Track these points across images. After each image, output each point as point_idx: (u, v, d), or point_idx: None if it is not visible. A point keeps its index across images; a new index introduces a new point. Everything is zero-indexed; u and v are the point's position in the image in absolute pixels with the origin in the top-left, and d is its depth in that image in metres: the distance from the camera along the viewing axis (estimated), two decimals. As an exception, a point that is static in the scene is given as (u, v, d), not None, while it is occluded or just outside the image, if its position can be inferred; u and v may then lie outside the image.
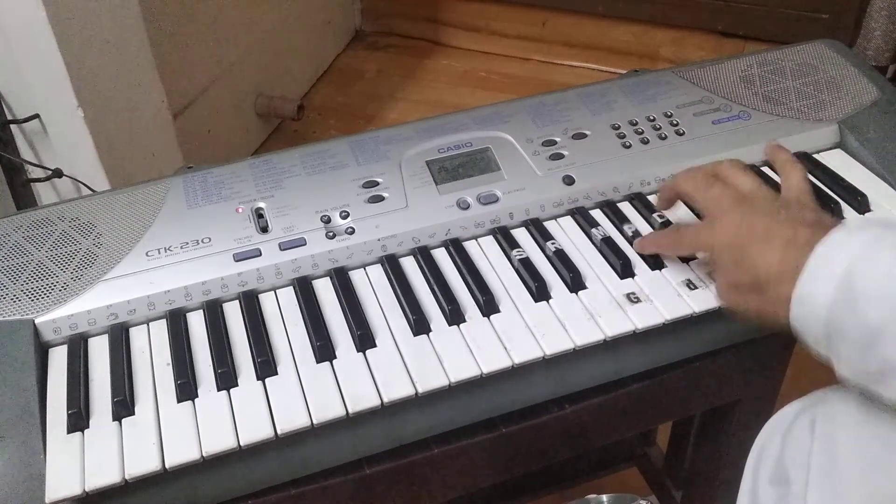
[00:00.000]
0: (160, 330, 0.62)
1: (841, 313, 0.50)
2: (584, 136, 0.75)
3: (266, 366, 0.58)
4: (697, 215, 0.68)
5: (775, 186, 0.70)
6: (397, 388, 0.57)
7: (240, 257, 0.65)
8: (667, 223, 0.68)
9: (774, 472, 0.59)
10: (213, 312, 0.63)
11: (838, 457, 0.54)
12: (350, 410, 0.55)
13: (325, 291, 0.65)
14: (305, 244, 0.66)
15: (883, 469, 0.52)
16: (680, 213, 0.70)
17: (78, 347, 0.60)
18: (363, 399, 0.56)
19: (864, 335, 0.49)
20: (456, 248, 0.67)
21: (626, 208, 0.71)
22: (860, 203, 0.70)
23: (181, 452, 0.53)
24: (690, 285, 0.63)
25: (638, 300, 0.62)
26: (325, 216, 0.67)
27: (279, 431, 0.54)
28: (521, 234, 0.69)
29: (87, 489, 0.52)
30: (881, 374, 0.49)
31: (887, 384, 0.49)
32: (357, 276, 0.66)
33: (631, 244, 0.67)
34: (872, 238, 0.51)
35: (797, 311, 0.53)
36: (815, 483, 0.54)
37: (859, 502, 0.52)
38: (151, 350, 0.61)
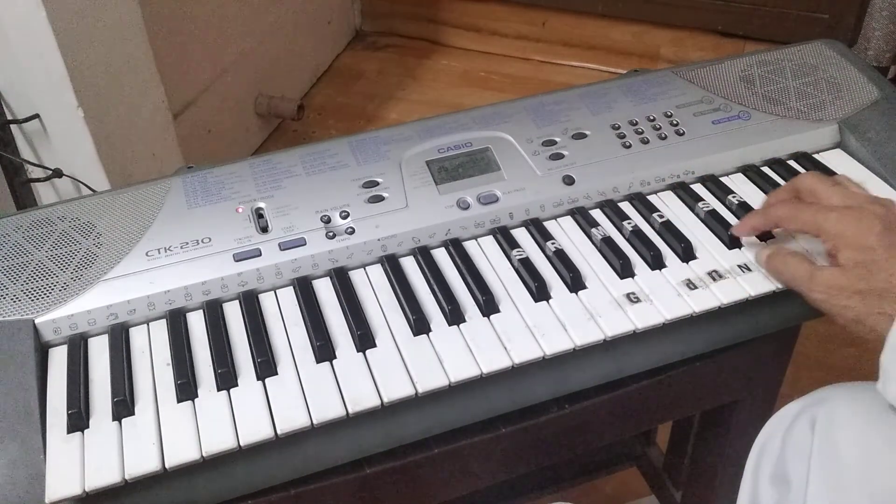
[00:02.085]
0: (160, 330, 0.62)
1: None
2: (584, 136, 0.75)
3: (266, 366, 0.58)
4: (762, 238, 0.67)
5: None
6: (397, 388, 0.57)
7: (240, 257, 0.65)
8: (667, 223, 0.68)
9: (775, 471, 0.59)
10: (213, 312, 0.63)
11: (838, 456, 0.54)
12: (350, 410, 0.55)
13: (325, 291, 0.65)
14: (305, 244, 0.66)
15: (883, 468, 0.52)
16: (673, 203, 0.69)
17: (78, 347, 0.60)
18: (363, 399, 0.56)
19: None
20: (456, 248, 0.67)
21: (627, 208, 0.71)
22: (860, 203, 0.70)
23: (181, 452, 0.53)
24: (690, 285, 0.63)
25: (638, 300, 0.62)
26: (325, 216, 0.67)
27: (279, 431, 0.54)
28: (521, 234, 0.69)
29: (87, 489, 0.52)
30: None
31: None
32: (357, 276, 0.66)
33: (630, 243, 0.67)
34: None
35: None
36: (815, 482, 0.54)
37: (859, 501, 0.52)
38: (151, 350, 0.61)
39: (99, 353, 0.61)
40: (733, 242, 0.66)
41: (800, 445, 0.57)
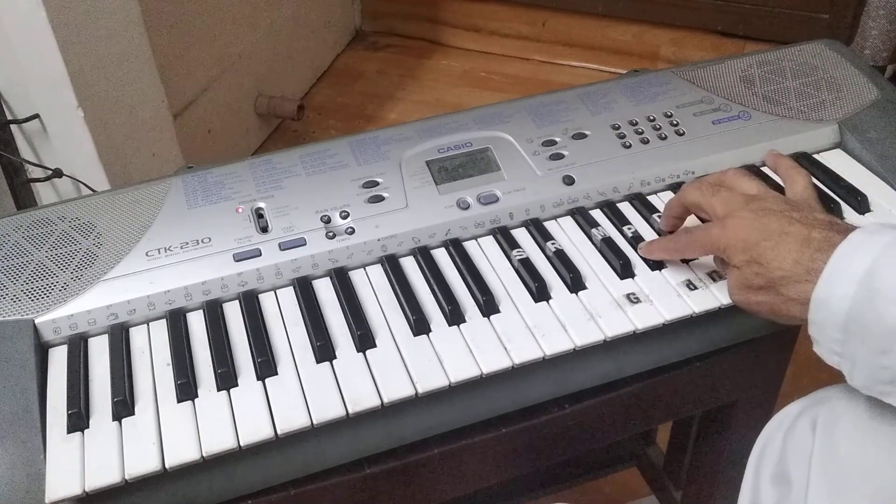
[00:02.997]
0: (160, 330, 0.62)
1: (860, 314, 0.50)
2: (584, 136, 0.75)
3: (266, 366, 0.58)
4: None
5: (779, 190, 0.70)
6: (397, 389, 0.57)
7: (240, 257, 0.65)
8: (667, 223, 0.68)
9: (776, 471, 0.59)
10: (213, 312, 0.63)
11: (839, 456, 0.54)
12: (350, 410, 0.55)
13: (325, 291, 0.65)
14: (305, 244, 0.66)
15: (884, 469, 0.52)
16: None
17: (78, 347, 0.60)
18: (363, 399, 0.56)
19: (883, 337, 0.49)
20: (456, 248, 0.67)
21: (626, 208, 0.71)
22: (860, 203, 0.70)
23: (181, 452, 0.53)
24: (690, 285, 0.63)
25: (638, 300, 0.62)
26: (325, 216, 0.67)
27: (279, 431, 0.54)
28: (521, 235, 0.69)
29: (87, 489, 0.52)
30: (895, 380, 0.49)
31: None
32: (357, 276, 0.66)
33: (631, 244, 0.67)
34: (893, 239, 0.50)
35: (815, 312, 0.52)
36: (815, 482, 0.54)
37: (860, 502, 0.52)
38: (151, 350, 0.61)
39: (99, 353, 0.61)
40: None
41: (801, 446, 0.57)
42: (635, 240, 0.67)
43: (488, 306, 0.62)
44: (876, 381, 0.50)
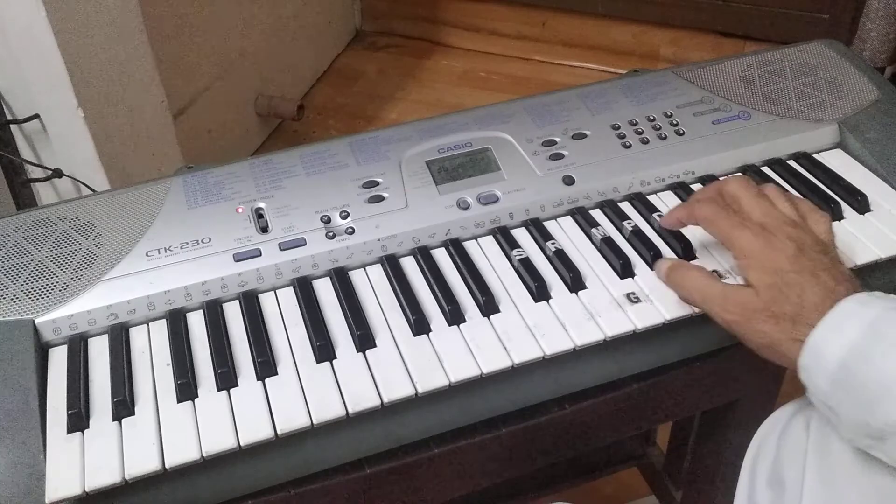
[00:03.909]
0: (160, 330, 0.62)
1: (853, 366, 0.50)
2: (584, 136, 0.75)
3: (266, 366, 0.58)
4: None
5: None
6: (397, 388, 0.57)
7: (240, 257, 0.65)
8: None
9: (771, 473, 0.59)
10: (213, 312, 0.63)
11: (833, 457, 0.54)
12: (350, 410, 0.55)
13: (325, 291, 0.65)
14: (305, 244, 0.66)
15: (877, 470, 0.52)
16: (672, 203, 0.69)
17: (78, 347, 0.60)
18: (363, 399, 0.56)
19: (872, 391, 0.49)
20: (456, 248, 0.67)
21: (627, 208, 0.71)
22: (860, 203, 0.70)
23: (181, 452, 0.53)
24: (690, 285, 0.63)
25: (638, 300, 0.62)
26: (325, 216, 0.67)
27: (279, 431, 0.54)
28: (521, 234, 0.69)
29: (87, 489, 0.52)
30: (882, 436, 0.49)
31: (886, 446, 0.49)
32: (357, 276, 0.66)
33: (631, 244, 0.67)
34: (893, 304, 0.51)
35: (808, 357, 0.52)
36: (810, 484, 0.54)
37: (855, 502, 0.52)
38: (151, 350, 0.61)
39: (99, 353, 0.61)
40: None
41: (795, 447, 0.57)
42: (635, 235, 0.67)
43: (488, 306, 0.62)
44: (860, 435, 0.50)
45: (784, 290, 0.54)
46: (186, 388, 0.57)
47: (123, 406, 0.56)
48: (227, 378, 0.58)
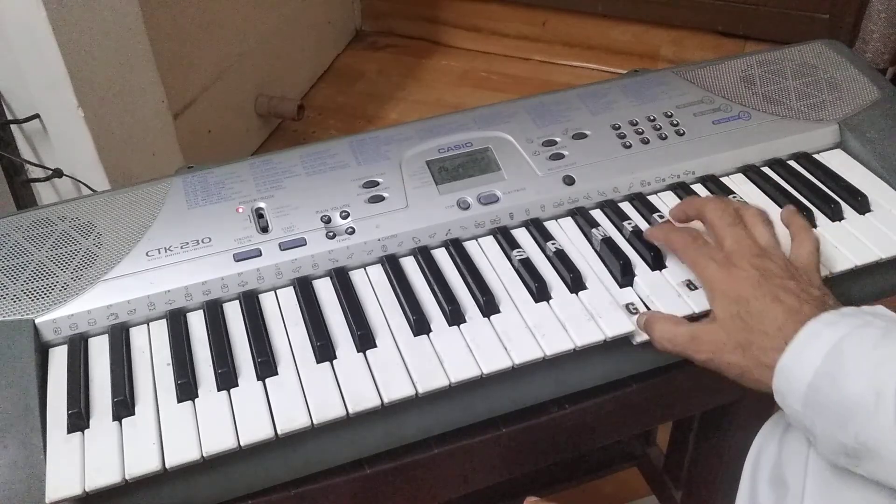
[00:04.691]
0: (160, 330, 0.62)
1: (820, 387, 0.50)
2: (584, 136, 0.75)
3: (266, 366, 0.58)
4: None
5: (789, 198, 0.70)
6: (397, 389, 0.57)
7: (240, 257, 0.65)
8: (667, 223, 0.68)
9: (773, 473, 0.59)
10: (214, 312, 0.63)
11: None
12: (350, 410, 0.55)
13: (326, 291, 0.65)
14: (305, 244, 0.66)
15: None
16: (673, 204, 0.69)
17: (78, 347, 0.60)
18: (363, 399, 0.56)
19: (842, 411, 0.49)
20: (456, 248, 0.67)
21: (627, 208, 0.71)
22: (860, 203, 0.70)
23: (181, 452, 0.53)
24: (690, 286, 0.63)
25: (636, 310, 0.62)
26: (325, 216, 0.67)
27: (279, 431, 0.54)
28: (521, 235, 0.69)
29: (87, 489, 0.52)
30: (857, 454, 0.49)
31: (864, 464, 0.49)
32: (357, 276, 0.66)
33: (631, 244, 0.67)
34: (862, 322, 0.51)
35: (779, 380, 0.53)
36: (812, 485, 0.54)
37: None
38: (151, 350, 0.61)
39: (99, 353, 0.61)
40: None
41: (797, 448, 0.57)
42: (635, 235, 0.67)
43: (488, 306, 0.62)
44: (837, 454, 0.51)
45: (746, 319, 0.56)
46: (186, 388, 0.57)
47: (123, 406, 0.56)
48: (227, 378, 0.58)
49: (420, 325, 0.61)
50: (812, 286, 0.58)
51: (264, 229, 0.67)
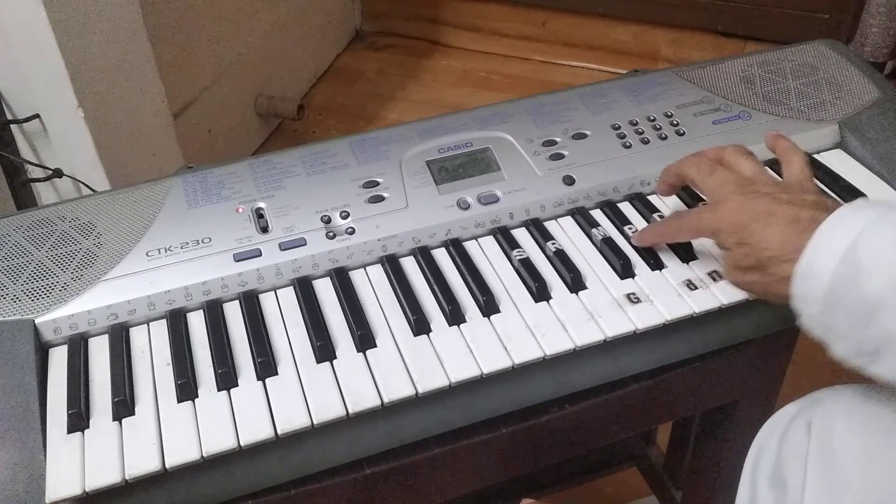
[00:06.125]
0: (160, 330, 0.62)
1: (841, 286, 0.51)
2: (584, 136, 0.75)
3: (266, 366, 0.58)
4: (689, 205, 0.68)
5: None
6: (397, 389, 0.57)
7: (240, 257, 0.65)
8: (667, 223, 0.68)
9: (772, 474, 0.59)
10: (214, 312, 0.63)
11: (835, 458, 0.54)
12: (350, 410, 0.55)
13: (326, 291, 0.65)
14: (306, 244, 0.66)
15: (880, 470, 0.52)
16: (673, 203, 0.70)
17: (78, 347, 0.60)
18: (363, 399, 0.56)
19: (863, 308, 0.50)
20: (456, 248, 0.67)
21: (627, 208, 0.71)
22: (860, 203, 0.70)
23: (181, 452, 0.53)
24: (690, 285, 0.63)
25: (638, 300, 0.62)
26: (325, 216, 0.67)
27: (279, 431, 0.54)
28: (521, 235, 0.69)
29: (87, 489, 0.52)
30: (877, 350, 0.50)
31: (883, 361, 0.50)
32: (357, 276, 0.66)
33: (631, 244, 0.67)
34: (877, 215, 0.51)
35: (798, 286, 0.54)
36: (812, 485, 0.54)
37: (856, 503, 0.52)
38: (151, 350, 0.61)
39: (99, 353, 0.61)
40: (688, 254, 0.66)
41: (796, 448, 0.57)
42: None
43: (488, 306, 0.62)
44: (857, 353, 0.51)
45: (750, 242, 0.57)
46: (186, 388, 0.57)
47: (123, 406, 0.56)
48: (227, 378, 0.58)
49: (420, 325, 0.61)
50: (807, 192, 0.59)
51: (264, 229, 0.67)
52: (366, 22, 2.29)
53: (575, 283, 0.64)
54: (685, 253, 0.65)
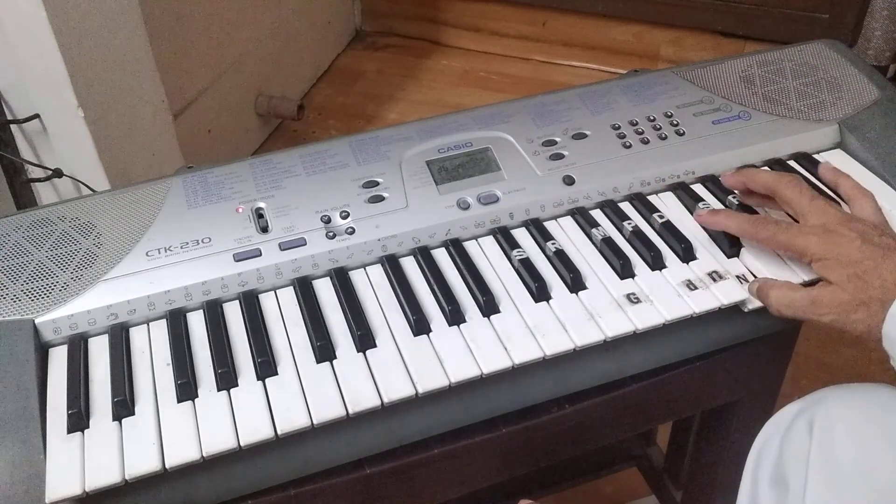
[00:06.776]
0: (160, 330, 0.62)
1: None
2: (584, 136, 0.75)
3: (266, 366, 0.58)
4: (688, 206, 0.68)
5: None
6: (397, 389, 0.57)
7: (240, 257, 0.65)
8: (667, 223, 0.68)
9: (773, 474, 0.59)
10: (213, 312, 0.63)
11: (836, 458, 0.54)
12: (350, 410, 0.55)
13: (325, 291, 0.65)
14: (305, 244, 0.66)
15: (881, 469, 0.52)
16: (673, 203, 0.70)
17: (78, 347, 0.60)
18: (363, 399, 0.56)
19: None
20: (456, 248, 0.67)
21: (627, 208, 0.71)
22: (860, 203, 0.70)
23: (181, 452, 0.53)
24: (690, 285, 0.63)
25: (638, 300, 0.62)
26: (325, 216, 0.67)
27: (279, 431, 0.54)
28: (521, 235, 0.69)
29: (87, 489, 0.52)
30: None
31: None
32: (357, 276, 0.66)
33: (631, 244, 0.67)
34: None
35: (891, 325, 0.55)
36: (813, 484, 0.54)
37: (858, 503, 0.52)
38: (151, 350, 0.61)
39: (99, 353, 0.61)
40: (733, 245, 0.66)
41: (798, 448, 0.57)
42: (635, 235, 0.67)
43: (488, 306, 0.62)
44: None
45: (864, 278, 0.58)
46: (186, 388, 0.57)
47: (123, 406, 0.56)
48: (227, 378, 0.58)
49: (420, 325, 0.61)
50: (886, 236, 0.61)
51: (264, 229, 0.67)
52: (366, 22, 2.29)
53: (575, 283, 0.64)
54: (685, 253, 0.65)
